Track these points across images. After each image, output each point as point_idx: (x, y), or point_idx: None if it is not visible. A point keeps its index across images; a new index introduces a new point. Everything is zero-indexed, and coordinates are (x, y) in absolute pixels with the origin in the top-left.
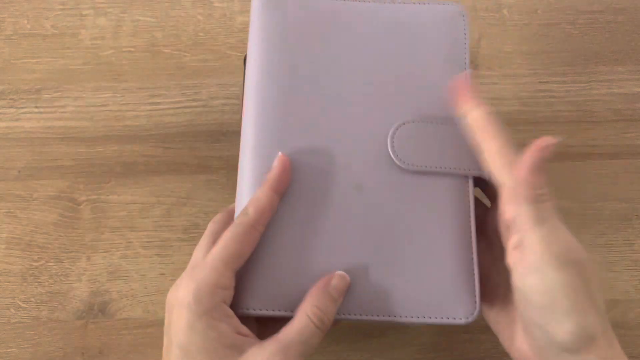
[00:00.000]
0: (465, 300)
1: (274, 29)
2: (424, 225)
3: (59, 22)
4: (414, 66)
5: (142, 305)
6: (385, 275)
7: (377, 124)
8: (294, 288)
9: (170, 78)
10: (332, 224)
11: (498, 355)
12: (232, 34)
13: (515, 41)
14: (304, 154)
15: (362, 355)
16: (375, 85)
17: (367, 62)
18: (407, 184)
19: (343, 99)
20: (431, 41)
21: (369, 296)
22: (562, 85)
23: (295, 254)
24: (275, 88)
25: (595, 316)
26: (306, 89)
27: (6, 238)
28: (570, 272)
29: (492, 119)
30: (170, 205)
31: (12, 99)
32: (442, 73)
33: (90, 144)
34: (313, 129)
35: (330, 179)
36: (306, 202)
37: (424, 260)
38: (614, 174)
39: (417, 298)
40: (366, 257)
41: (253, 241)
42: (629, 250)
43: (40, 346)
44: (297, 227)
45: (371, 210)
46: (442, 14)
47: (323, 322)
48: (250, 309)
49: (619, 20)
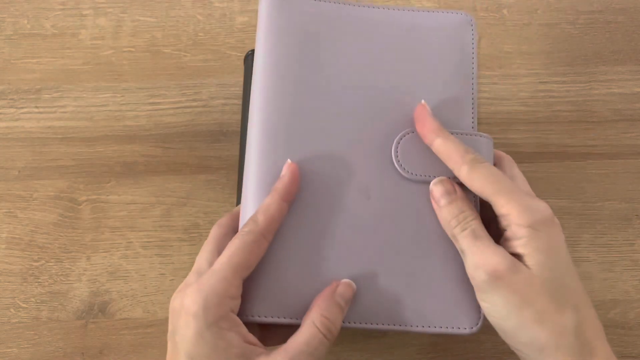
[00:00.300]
0: (469, 310)
1: (281, 34)
2: (430, 234)
3: (59, 22)
4: (421, 74)
5: (142, 305)
6: (390, 284)
7: (384, 131)
8: (300, 295)
9: (170, 78)
10: (340, 231)
11: (498, 355)
12: (232, 34)
13: (515, 41)
14: (310, 160)
15: (362, 355)
16: (382, 92)
17: (374, 69)
18: (413, 193)
19: (350, 106)
20: (439, 49)
21: (374, 304)
22: (562, 85)
23: (302, 260)
24: (282, 94)
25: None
26: (313, 95)
27: (6, 238)
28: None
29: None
30: (170, 205)
31: (12, 99)
32: (448, 82)
33: (90, 144)
34: (320, 136)
35: (338, 187)
36: (313, 210)
37: (429, 268)
38: (614, 174)
39: (422, 307)
40: (373, 266)
41: (262, 250)
42: (629, 250)
43: (40, 346)
44: (304, 234)
45: (378, 219)
46: (450, 23)
47: (330, 331)
48: (256, 316)
49: (619, 20)
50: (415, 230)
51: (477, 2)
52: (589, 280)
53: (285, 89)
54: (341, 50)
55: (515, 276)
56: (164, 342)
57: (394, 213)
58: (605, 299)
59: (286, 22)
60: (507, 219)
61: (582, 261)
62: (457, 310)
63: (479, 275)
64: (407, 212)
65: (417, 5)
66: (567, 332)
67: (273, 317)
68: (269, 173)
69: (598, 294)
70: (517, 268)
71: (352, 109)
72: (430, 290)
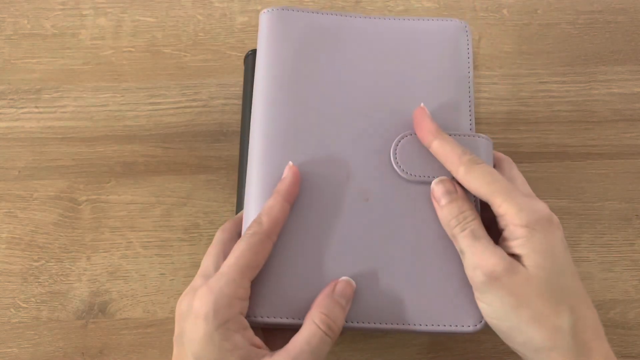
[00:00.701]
0: (472, 308)
1: (281, 45)
2: (430, 234)
3: (59, 22)
4: (418, 79)
5: (142, 305)
6: (392, 284)
7: (382, 134)
8: (303, 296)
9: (170, 78)
10: (340, 232)
11: (498, 355)
12: (232, 34)
13: (515, 41)
14: (311, 163)
15: (362, 355)
16: (380, 97)
17: (372, 75)
18: (413, 194)
19: (349, 110)
20: (435, 56)
21: (376, 304)
22: (561, 85)
23: (304, 262)
24: (282, 102)
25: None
26: (313, 101)
27: (6, 238)
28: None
29: (447, 146)
30: (170, 205)
31: (12, 99)
32: (445, 86)
33: (90, 144)
34: (320, 139)
35: (338, 189)
36: (315, 211)
37: (430, 268)
38: (614, 174)
39: (424, 306)
40: (374, 266)
41: (267, 251)
42: (629, 250)
43: (40, 346)
44: (305, 235)
45: (379, 219)
46: (445, 30)
47: (330, 328)
48: (259, 317)
49: (619, 20)
50: (416, 231)
51: (477, 2)
52: (589, 280)
53: (286, 96)
54: (340, 57)
55: (512, 277)
56: (164, 342)
57: (394, 214)
58: (605, 299)
59: (286, 33)
60: (504, 219)
61: (582, 261)
62: (460, 309)
63: (476, 276)
64: (406, 212)
65: (416, 5)
66: (563, 333)
67: (276, 318)
68: (271, 176)
69: (598, 294)
70: (514, 269)
71: (352, 114)
72: (432, 289)
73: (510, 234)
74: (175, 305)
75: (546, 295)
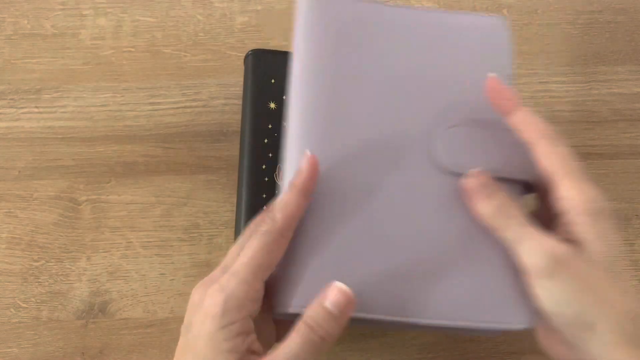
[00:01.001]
0: (521, 305)
1: (319, 33)
2: (472, 229)
3: (59, 22)
4: (458, 73)
5: (142, 305)
6: (434, 279)
7: (423, 126)
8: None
9: (170, 78)
10: (380, 223)
11: (498, 355)
12: (232, 34)
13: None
14: (349, 151)
15: (362, 355)
16: (420, 89)
17: (412, 66)
18: (454, 186)
19: (388, 100)
20: (476, 49)
21: (420, 299)
22: (561, 85)
23: (338, 251)
24: (321, 87)
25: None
26: (351, 89)
27: (6, 238)
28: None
29: (535, 119)
30: (170, 205)
31: (12, 99)
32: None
33: (90, 144)
34: (357, 128)
35: (378, 177)
36: (353, 200)
37: (476, 263)
38: (614, 174)
39: (471, 302)
40: (412, 258)
41: (281, 249)
42: (629, 250)
43: (40, 346)
44: (343, 225)
45: (418, 211)
46: (486, 24)
47: (319, 336)
48: (293, 307)
49: (619, 20)
50: (456, 225)
51: (477, 2)
52: None
53: (324, 82)
54: (378, 47)
55: (578, 261)
56: (164, 342)
57: (433, 205)
58: None
59: (324, 20)
60: (568, 203)
61: None
62: (508, 306)
63: (536, 260)
64: (451, 205)
65: (416, 5)
66: (629, 319)
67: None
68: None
69: None
70: (579, 253)
71: (390, 103)
72: (479, 286)
73: (572, 219)
74: (175, 305)
75: (611, 281)
